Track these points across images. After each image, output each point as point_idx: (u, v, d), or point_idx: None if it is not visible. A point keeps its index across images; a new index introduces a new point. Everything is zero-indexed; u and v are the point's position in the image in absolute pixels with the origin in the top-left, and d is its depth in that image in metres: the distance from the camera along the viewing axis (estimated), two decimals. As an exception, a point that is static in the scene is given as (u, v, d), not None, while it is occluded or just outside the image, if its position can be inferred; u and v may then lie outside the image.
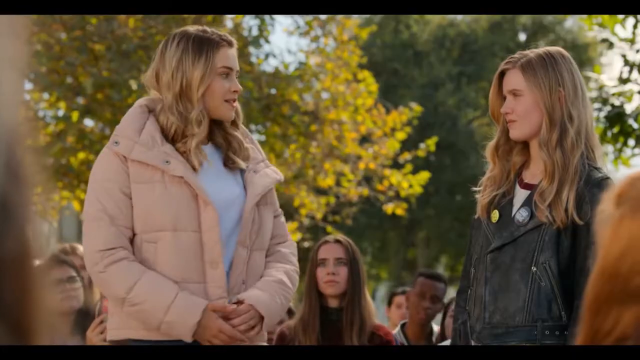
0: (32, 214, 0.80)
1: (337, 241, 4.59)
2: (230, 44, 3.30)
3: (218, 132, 3.33)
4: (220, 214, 3.18)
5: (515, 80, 3.42)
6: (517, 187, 3.44)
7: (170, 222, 3.14)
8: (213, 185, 3.23)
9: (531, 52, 3.45)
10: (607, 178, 3.32)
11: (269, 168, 3.40)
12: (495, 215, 3.42)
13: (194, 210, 3.15)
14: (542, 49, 3.46)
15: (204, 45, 3.24)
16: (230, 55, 3.28)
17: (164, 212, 3.15)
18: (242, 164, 3.29)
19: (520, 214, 3.36)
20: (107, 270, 3.15)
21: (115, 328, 3.25)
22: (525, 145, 3.46)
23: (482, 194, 3.48)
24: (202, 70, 3.22)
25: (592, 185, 3.28)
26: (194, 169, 3.21)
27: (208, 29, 3.32)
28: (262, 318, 3.17)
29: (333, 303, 4.50)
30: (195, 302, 3.11)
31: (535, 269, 3.29)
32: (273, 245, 3.37)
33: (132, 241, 3.22)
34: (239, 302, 3.16)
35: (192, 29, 3.31)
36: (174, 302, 3.10)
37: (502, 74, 3.47)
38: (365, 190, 13.46)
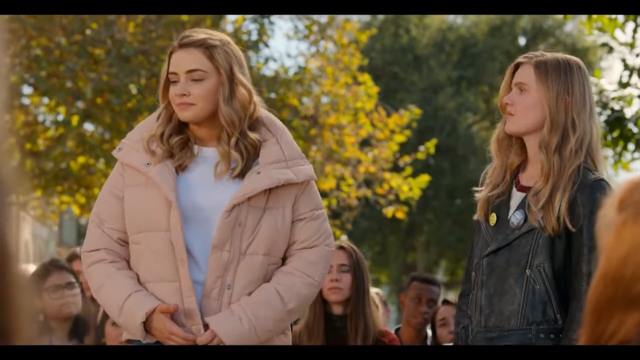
0: (12, 217, 0.79)
1: (341, 247, 4.56)
2: (182, 46, 3.23)
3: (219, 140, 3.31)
4: (200, 216, 3.17)
5: (525, 74, 3.40)
6: (514, 189, 3.43)
7: (146, 224, 3.17)
8: (198, 187, 3.22)
9: (550, 54, 3.44)
10: (601, 179, 3.31)
11: (289, 169, 3.24)
12: (493, 218, 3.42)
13: (166, 211, 3.16)
14: (563, 54, 3.45)
15: (168, 51, 3.31)
16: (176, 60, 3.23)
17: (142, 214, 3.19)
18: (226, 173, 3.23)
19: (515, 217, 3.36)
20: (87, 271, 3.25)
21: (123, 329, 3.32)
22: (523, 145, 3.45)
23: (483, 189, 3.48)
24: (161, 73, 3.30)
25: (585, 186, 3.27)
26: (181, 168, 3.23)
27: (190, 30, 3.31)
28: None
29: (337, 310, 4.48)
30: (142, 304, 3.12)
31: (529, 272, 3.28)
32: (295, 250, 3.26)
33: (127, 243, 3.27)
34: (206, 326, 3.14)
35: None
36: (124, 304, 3.14)
37: (516, 68, 3.45)
38: (368, 191, 13.46)
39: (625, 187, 1.31)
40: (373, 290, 6.72)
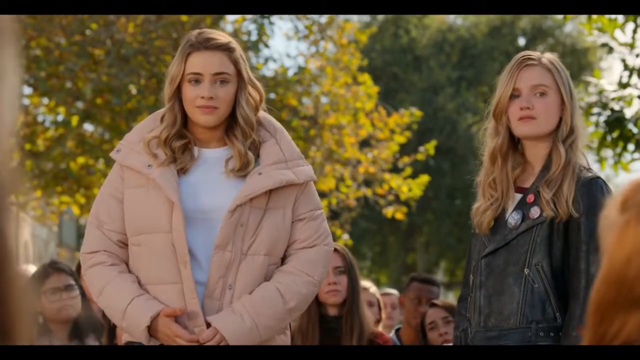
0: (11, 218, 0.79)
1: (334, 250, 4.57)
2: (208, 48, 3.22)
3: (225, 138, 3.31)
4: (202, 217, 3.18)
5: (541, 76, 3.40)
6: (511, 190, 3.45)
7: (147, 225, 3.18)
8: (200, 189, 3.22)
9: (544, 55, 3.45)
10: (597, 177, 3.35)
11: (290, 170, 3.27)
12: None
13: (167, 212, 3.16)
14: (547, 54, 3.47)
15: (182, 50, 3.26)
16: (201, 61, 3.22)
17: (143, 216, 3.19)
18: (230, 173, 3.24)
19: (513, 218, 3.37)
20: (87, 274, 3.25)
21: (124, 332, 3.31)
22: (516, 149, 3.45)
23: (484, 201, 3.45)
24: (172, 73, 3.24)
25: (582, 183, 3.31)
26: (183, 169, 3.22)
27: (207, 31, 3.29)
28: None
29: (332, 311, 4.48)
30: (146, 308, 3.13)
31: (528, 271, 3.29)
32: (295, 250, 3.28)
33: (127, 245, 3.27)
34: (208, 325, 3.15)
35: (194, 33, 3.30)
36: (128, 308, 3.14)
37: (518, 70, 3.42)
38: (369, 190, 13.46)
39: (628, 188, 1.31)
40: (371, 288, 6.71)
